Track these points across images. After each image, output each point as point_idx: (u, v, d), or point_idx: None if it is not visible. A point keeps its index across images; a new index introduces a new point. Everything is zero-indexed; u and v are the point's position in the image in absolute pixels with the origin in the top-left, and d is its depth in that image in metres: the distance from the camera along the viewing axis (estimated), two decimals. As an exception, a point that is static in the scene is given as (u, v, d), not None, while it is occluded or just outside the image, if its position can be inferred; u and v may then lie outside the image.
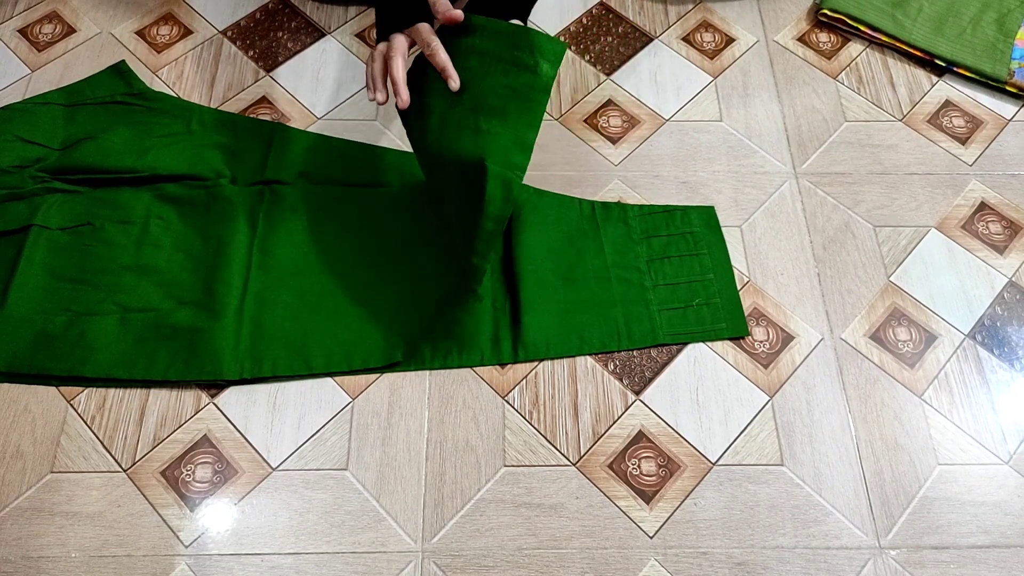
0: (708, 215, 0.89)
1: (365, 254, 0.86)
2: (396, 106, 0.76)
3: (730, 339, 0.82)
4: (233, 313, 0.80)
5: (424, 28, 0.74)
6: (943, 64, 1.02)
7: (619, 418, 0.78)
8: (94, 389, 0.78)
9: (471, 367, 0.80)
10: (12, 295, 0.80)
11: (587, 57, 1.03)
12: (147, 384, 0.78)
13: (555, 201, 0.90)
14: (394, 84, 0.74)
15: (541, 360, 0.80)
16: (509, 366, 0.80)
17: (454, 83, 0.73)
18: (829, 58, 1.04)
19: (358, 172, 0.91)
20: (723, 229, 0.88)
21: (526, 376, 0.80)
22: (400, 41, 0.75)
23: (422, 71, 0.76)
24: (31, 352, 0.78)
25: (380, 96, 0.76)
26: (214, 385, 0.78)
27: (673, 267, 0.86)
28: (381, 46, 0.77)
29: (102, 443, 0.75)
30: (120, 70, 0.99)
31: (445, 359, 0.80)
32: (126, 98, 0.96)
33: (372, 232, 0.87)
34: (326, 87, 1.00)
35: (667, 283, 0.85)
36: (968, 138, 0.97)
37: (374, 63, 0.77)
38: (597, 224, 0.88)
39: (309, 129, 0.96)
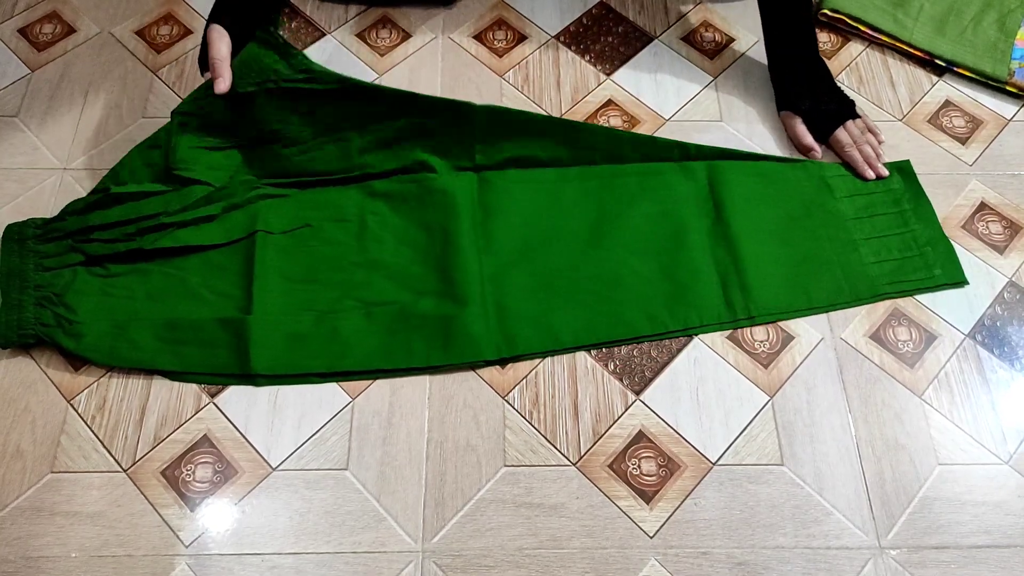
0: (904, 168, 0.92)
1: (585, 230, 0.87)
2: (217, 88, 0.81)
3: (948, 286, 0.84)
4: (477, 298, 0.81)
5: None
6: (943, 64, 1.02)
7: (619, 418, 0.78)
8: (94, 388, 0.78)
9: (712, 329, 0.82)
10: (256, 300, 0.80)
11: (587, 57, 1.03)
12: (406, 371, 0.79)
13: (758, 166, 0.91)
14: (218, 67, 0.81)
15: (775, 321, 0.82)
16: (509, 366, 0.80)
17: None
18: (830, 58, 1.04)
19: (562, 150, 0.91)
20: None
21: (526, 376, 0.80)
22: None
23: None
24: (288, 353, 0.78)
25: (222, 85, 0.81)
26: (225, 383, 0.78)
27: (881, 223, 0.88)
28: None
29: (102, 443, 0.75)
30: (269, 41, 0.85)
31: (685, 323, 0.81)
32: (297, 84, 0.85)
33: (588, 209, 0.88)
34: (326, 87, 1.00)
35: (877, 236, 0.87)
36: (968, 138, 0.97)
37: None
38: (801, 185, 0.90)
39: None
